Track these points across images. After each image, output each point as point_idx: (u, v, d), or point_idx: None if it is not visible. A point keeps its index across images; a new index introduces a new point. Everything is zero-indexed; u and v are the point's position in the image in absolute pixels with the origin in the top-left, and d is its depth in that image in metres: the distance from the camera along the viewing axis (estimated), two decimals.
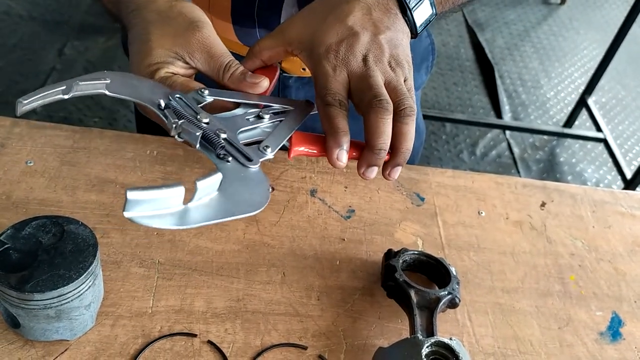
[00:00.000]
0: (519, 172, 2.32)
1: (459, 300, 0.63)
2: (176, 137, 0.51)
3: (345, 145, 0.53)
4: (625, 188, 2.24)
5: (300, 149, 0.56)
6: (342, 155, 0.54)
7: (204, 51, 0.56)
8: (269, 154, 0.52)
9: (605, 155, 2.43)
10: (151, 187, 0.40)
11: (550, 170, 2.37)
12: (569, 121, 2.52)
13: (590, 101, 2.49)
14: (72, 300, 0.52)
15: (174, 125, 0.50)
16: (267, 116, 0.56)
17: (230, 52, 0.79)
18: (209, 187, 0.43)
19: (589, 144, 2.50)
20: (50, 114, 2.18)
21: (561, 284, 0.72)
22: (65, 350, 0.55)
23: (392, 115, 0.53)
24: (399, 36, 0.56)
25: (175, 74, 0.56)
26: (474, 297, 0.68)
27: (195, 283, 0.63)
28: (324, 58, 0.54)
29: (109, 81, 0.51)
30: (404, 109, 0.54)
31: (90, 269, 0.52)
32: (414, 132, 0.55)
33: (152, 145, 0.75)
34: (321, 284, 0.65)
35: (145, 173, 0.72)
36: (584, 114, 2.55)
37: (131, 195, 0.39)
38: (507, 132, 2.48)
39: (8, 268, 0.51)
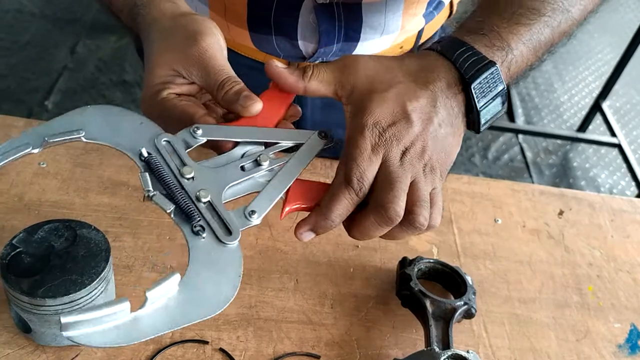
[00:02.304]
0: (531, 176, 2.30)
1: (475, 311, 0.62)
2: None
3: (321, 232, 0.49)
4: None
5: (295, 206, 0.49)
6: (307, 237, 0.49)
7: (200, 66, 0.51)
8: (255, 221, 0.45)
9: (620, 160, 2.40)
10: (91, 308, 0.36)
11: (563, 175, 2.34)
12: (583, 126, 2.50)
13: (605, 106, 2.46)
14: (84, 306, 0.51)
15: (145, 195, 0.45)
16: (266, 163, 0.49)
17: (247, 57, 0.78)
18: (162, 293, 0.39)
19: (603, 149, 2.47)
20: (62, 112, 2.18)
21: (579, 294, 0.70)
22: (76, 355, 0.54)
23: (393, 225, 0.48)
24: (448, 139, 0.50)
25: (177, 95, 0.51)
26: (490, 307, 0.67)
27: None
28: (369, 130, 0.48)
29: (83, 133, 0.45)
30: (414, 220, 0.48)
31: (103, 274, 0.52)
32: (408, 236, 0.51)
33: None
34: (335, 291, 0.64)
35: None
36: (598, 119, 2.52)
37: (65, 319, 0.36)
38: (520, 136, 2.46)
39: (20, 273, 0.50)
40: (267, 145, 0.50)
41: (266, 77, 0.83)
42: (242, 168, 0.48)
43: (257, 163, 0.49)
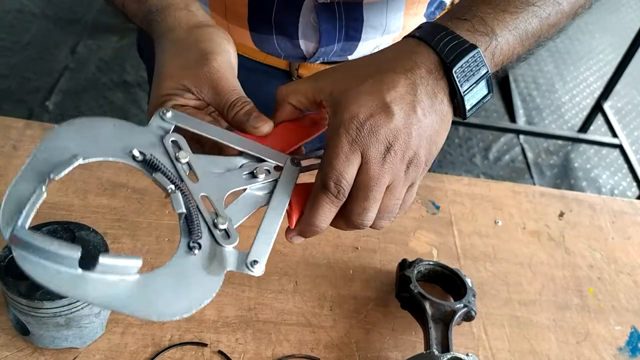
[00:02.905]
0: (532, 177, 2.29)
1: (475, 313, 0.62)
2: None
3: (310, 236, 0.49)
4: None
5: (300, 214, 0.50)
6: (297, 240, 0.50)
7: (211, 86, 0.51)
8: (257, 272, 0.44)
9: (621, 161, 2.40)
10: (45, 237, 0.36)
11: (564, 175, 2.34)
12: (584, 126, 2.49)
13: (606, 106, 2.45)
14: (82, 308, 0.51)
15: (168, 191, 0.44)
16: (261, 176, 0.49)
17: (248, 58, 0.78)
18: (118, 267, 0.38)
19: (604, 150, 2.47)
20: (63, 113, 2.18)
21: (579, 296, 0.70)
22: (75, 358, 0.54)
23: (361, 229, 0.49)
24: (434, 128, 0.48)
25: (183, 106, 0.51)
26: (489, 309, 0.66)
27: None
28: (345, 127, 0.46)
29: (81, 160, 0.43)
30: (374, 226, 0.49)
31: None
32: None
33: None
34: (334, 293, 0.64)
35: None
36: (599, 119, 2.51)
37: (17, 232, 0.35)
38: (521, 136, 2.45)
39: (18, 275, 0.50)
40: (259, 160, 0.50)
41: (265, 78, 0.83)
42: (242, 177, 0.49)
43: (253, 175, 0.49)
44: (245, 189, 0.48)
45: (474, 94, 0.50)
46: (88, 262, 0.37)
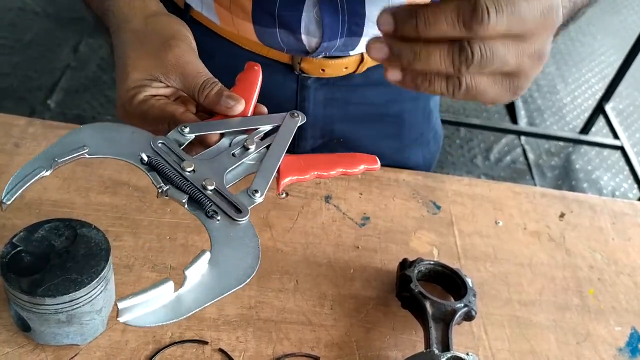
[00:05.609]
0: (533, 178, 2.29)
1: (476, 313, 0.62)
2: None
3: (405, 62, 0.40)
4: None
5: (287, 179, 0.53)
6: (393, 77, 0.41)
7: (178, 71, 0.53)
8: (258, 199, 0.49)
9: (622, 163, 2.40)
10: (140, 292, 0.40)
11: (565, 177, 2.34)
12: (586, 128, 2.49)
13: (608, 108, 2.45)
14: (83, 306, 0.51)
15: (159, 190, 0.48)
16: (252, 147, 0.52)
17: (250, 51, 0.79)
18: (198, 270, 0.43)
19: (606, 152, 2.47)
20: (65, 111, 2.18)
21: (580, 297, 0.70)
22: (76, 355, 0.54)
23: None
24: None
25: (154, 96, 0.53)
26: (490, 309, 0.66)
27: None
28: None
29: (87, 150, 0.48)
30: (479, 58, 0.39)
31: (103, 274, 0.52)
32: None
33: None
34: (335, 292, 0.64)
35: None
36: (601, 121, 2.51)
37: (122, 305, 0.40)
38: (523, 137, 2.45)
39: (20, 271, 0.50)
40: (248, 132, 0.54)
41: (267, 71, 0.83)
42: (234, 155, 0.52)
43: (245, 148, 0.52)
44: (240, 165, 0.52)
45: None
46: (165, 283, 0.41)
